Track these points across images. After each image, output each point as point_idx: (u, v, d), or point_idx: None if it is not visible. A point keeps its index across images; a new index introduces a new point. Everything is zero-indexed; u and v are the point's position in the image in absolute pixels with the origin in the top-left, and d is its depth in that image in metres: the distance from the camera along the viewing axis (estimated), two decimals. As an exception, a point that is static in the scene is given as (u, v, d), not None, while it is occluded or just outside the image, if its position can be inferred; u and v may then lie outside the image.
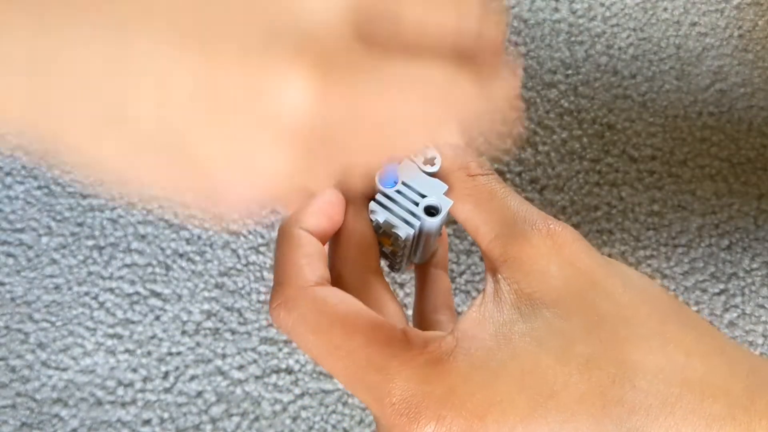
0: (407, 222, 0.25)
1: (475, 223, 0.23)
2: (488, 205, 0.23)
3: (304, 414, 0.41)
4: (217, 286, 0.43)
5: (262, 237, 0.44)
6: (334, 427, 0.40)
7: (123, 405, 0.41)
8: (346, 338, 0.21)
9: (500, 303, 0.21)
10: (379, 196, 0.25)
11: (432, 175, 0.26)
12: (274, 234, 0.44)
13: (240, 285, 0.43)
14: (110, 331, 0.43)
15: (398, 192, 0.25)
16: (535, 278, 0.21)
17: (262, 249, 0.44)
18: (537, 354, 0.20)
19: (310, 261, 0.23)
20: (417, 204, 0.25)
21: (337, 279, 0.24)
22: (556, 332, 0.20)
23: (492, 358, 0.20)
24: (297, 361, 0.42)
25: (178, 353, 0.42)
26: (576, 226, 0.43)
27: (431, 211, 0.25)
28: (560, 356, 0.20)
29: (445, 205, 0.25)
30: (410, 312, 0.42)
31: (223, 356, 0.42)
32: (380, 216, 0.25)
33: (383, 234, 0.26)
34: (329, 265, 0.24)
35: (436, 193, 0.25)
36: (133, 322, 0.43)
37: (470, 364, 0.20)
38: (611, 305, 0.20)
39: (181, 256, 0.44)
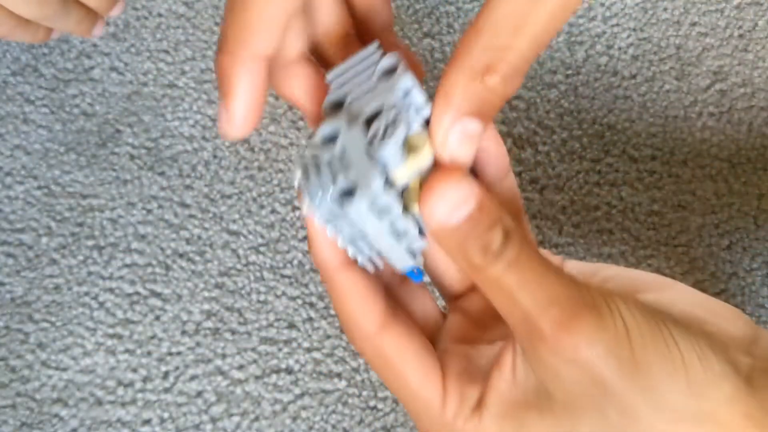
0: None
1: (494, 311, 0.23)
2: (498, 300, 0.23)
3: (304, 414, 0.41)
4: (217, 286, 0.43)
5: (262, 237, 0.44)
6: (334, 427, 0.40)
7: (123, 405, 0.41)
8: (398, 389, 0.24)
9: (520, 383, 0.22)
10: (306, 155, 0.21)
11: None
12: (274, 234, 0.44)
13: (240, 285, 0.43)
14: (110, 331, 0.43)
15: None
16: (549, 378, 0.22)
17: (262, 249, 0.44)
18: None
19: (365, 305, 0.24)
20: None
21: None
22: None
23: None
24: (297, 361, 0.42)
25: (178, 353, 0.42)
26: (576, 226, 0.43)
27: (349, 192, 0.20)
28: None
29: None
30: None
31: (223, 356, 0.42)
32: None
33: None
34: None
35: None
36: (133, 322, 0.43)
37: None
38: (621, 417, 0.21)
39: (181, 256, 0.44)
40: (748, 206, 0.43)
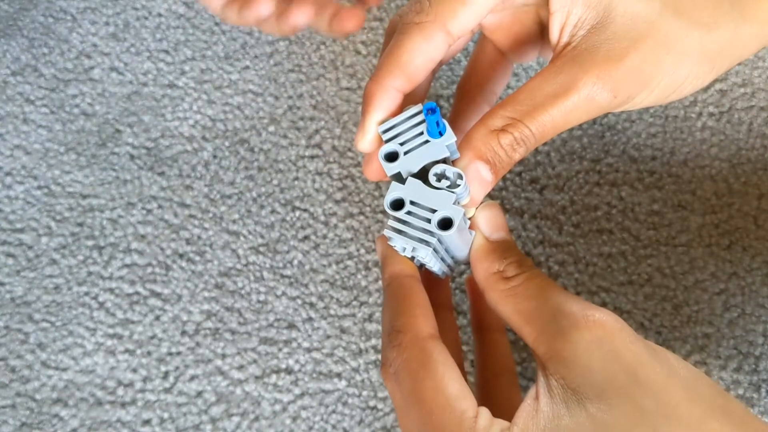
0: (423, 241, 0.26)
1: (518, 323, 0.25)
2: (527, 305, 0.25)
3: (304, 414, 0.41)
4: (217, 286, 0.43)
5: (262, 237, 0.44)
6: (334, 427, 0.40)
7: (123, 405, 0.41)
8: (430, 397, 0.24)
9: (550, 398, 0.23)
10: (391, 222, 0.26)
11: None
12: (274, 234, 0.44)
13: (240, 285, 0.43)
14: (110, 331, 0.43)
15: (408, 213, 0.26)
16: (578, 374, 0.22)
17: (262, 249, 0.44)
18: None
19: (424, 312, 0.26)
20: (429, 220, 0.25)
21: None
22: (598, 427, 0.21)
23: None
24: (297, 361, 0.42)
25: (178, 353, 0.42)
26: (576, 225, 0.43)
27: (445, 223, 0.26)
28: None
29: (457, 214, 0.25)
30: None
31: (223, 356, 0.42)
32: (397, 242, 0.26)
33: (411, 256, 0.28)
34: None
35: (445, 205, 0.25)
36: (133, 322, 0.43)
37: None
38: (652, 401, 0.21)
39: (181, 256, 0.44)
40: (748, 206, 0.43)
